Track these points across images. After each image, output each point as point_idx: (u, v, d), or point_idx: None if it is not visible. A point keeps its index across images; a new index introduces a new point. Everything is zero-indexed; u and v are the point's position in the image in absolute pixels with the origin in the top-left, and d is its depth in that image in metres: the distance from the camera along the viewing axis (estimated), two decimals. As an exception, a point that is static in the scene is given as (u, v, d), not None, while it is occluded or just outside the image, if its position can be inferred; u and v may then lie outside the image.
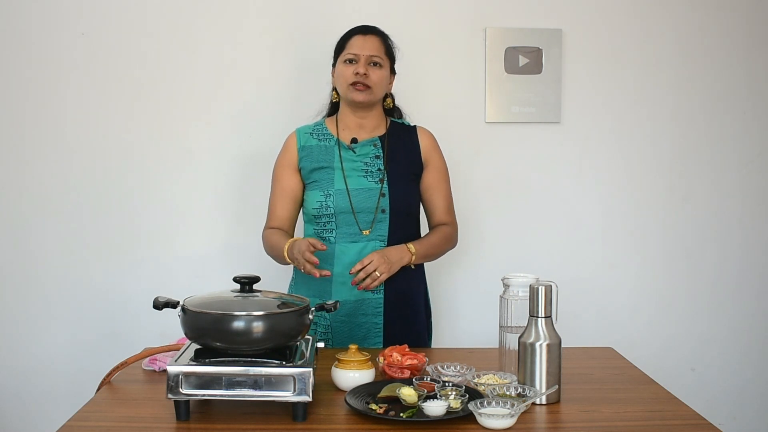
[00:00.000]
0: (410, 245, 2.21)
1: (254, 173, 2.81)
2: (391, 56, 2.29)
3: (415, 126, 2.37)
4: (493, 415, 1.54)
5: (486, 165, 2.92)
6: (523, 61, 2.88)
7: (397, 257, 2.16)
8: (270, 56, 2.85)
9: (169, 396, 1.58)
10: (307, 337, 1.81)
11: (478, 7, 2.88)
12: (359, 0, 2.83)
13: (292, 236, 2.31)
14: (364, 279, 2.09)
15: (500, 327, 1.91)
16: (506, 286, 1.90)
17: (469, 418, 1.58)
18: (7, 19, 2.77)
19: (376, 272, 2.09)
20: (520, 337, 1.74)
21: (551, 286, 1.73)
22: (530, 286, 1.73)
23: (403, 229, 2.26)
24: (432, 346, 2.40)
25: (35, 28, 2.77)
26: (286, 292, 2.14)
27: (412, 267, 2.24)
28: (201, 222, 2.87)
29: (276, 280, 2.25)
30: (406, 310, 2.27)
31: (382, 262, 2.10)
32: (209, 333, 1.61)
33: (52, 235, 2.82)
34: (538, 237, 2.95)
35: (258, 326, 1.59)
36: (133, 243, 2.84)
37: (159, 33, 2.80)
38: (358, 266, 2.08)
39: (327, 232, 2.24)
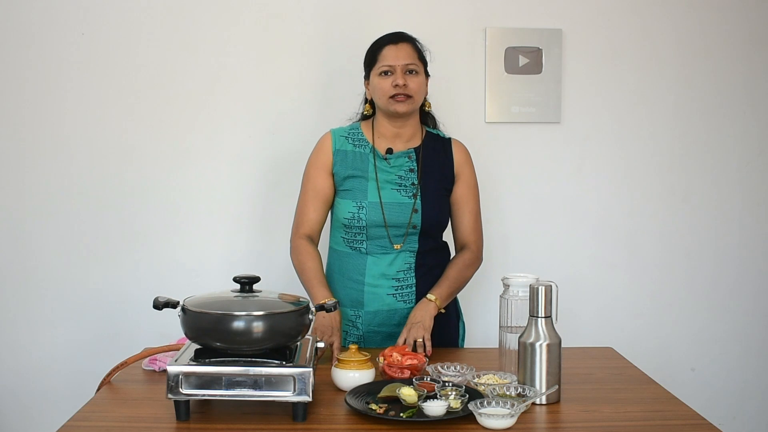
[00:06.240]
0: (431, 296, 2.17)
1: (254, 173, 2.81)
2: (424, 60, 2.27)
3: (450, 138, 2.35)
4: (493, 415, 1.54)
5: (486, 165, 2.91)
6: (523, 61, 2.88)
7: (428, 315, 2.14)
8: (271, 57, 2.84)
9: (169, 396, 1.58)
10: (307, 337, 1.81)
11: (478, 7, 2.88)
12: (359, 1, 2.83)
13: (317, 242, 2.28)
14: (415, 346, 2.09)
15: (500, 327, 1.91)
16: (506, 286, 1.90)
17: (469, 418, 1.58)
18: (7, 18, 2.76)
19: (420, 341, 2.08)
20: (520, 337, 1.74)
21: (551, 286, 1.73)
22: (530, 286, 1.74)
23: (432, 242, 2.26)
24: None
25: (35, 28, 2.77)
26: (286, 292, 2.13)
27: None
28: (201, 222, 2.86)
29: (276, 280, 2.25)
30: (438, 316, 2.21)
31: (419, 329, 2.09)
32: (209, 333, 1.61)
33: (51, 235, 2.82)
34: (537, 237, 2.94)
35: (258, 326, 1.59)
36: (133, 243, 2.84)
37: (159, 33, 2.79)
38: (407, 348, 2.03)
39: (357, 243, 2.23)
